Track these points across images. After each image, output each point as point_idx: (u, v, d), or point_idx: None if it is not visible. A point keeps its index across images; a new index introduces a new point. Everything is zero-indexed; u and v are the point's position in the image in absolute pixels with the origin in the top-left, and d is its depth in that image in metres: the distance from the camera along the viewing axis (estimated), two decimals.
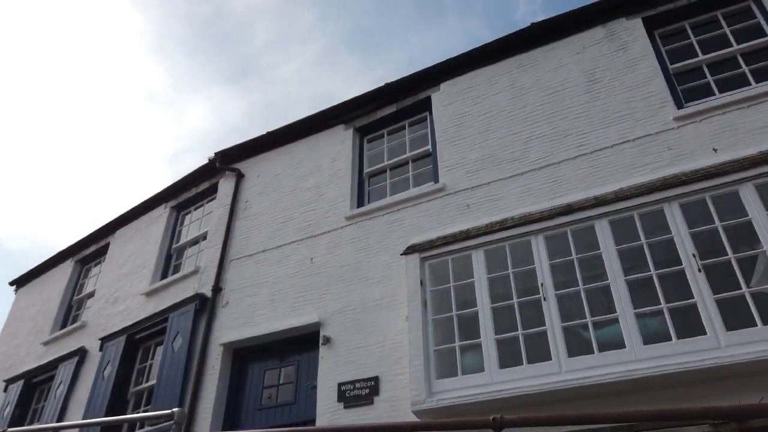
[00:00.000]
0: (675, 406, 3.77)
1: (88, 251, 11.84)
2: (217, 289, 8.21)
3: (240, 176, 9.56)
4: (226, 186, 9.65)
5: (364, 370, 6.33)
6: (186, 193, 10.41)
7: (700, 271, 4.92)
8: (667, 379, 4.59)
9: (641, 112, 6.42)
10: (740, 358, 4.39)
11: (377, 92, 8.74)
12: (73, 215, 45.86)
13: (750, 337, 4.48)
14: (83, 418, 8.17)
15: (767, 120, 5.65)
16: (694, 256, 5.00)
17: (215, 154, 9.81)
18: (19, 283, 13.10)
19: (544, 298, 5.52)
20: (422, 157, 8.11)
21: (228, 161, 9.77)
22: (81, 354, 9.45)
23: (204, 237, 9.48)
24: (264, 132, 9.63)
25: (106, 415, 7.88)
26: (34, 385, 10.33)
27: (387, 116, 8.68)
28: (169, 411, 3.93)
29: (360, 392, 6.16)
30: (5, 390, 10.57)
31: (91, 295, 10.99)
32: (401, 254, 6.74)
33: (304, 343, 7.10)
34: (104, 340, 9.15)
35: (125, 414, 8.15)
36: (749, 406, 2.67)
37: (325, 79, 53.95)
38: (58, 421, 8.69)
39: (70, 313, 11.31)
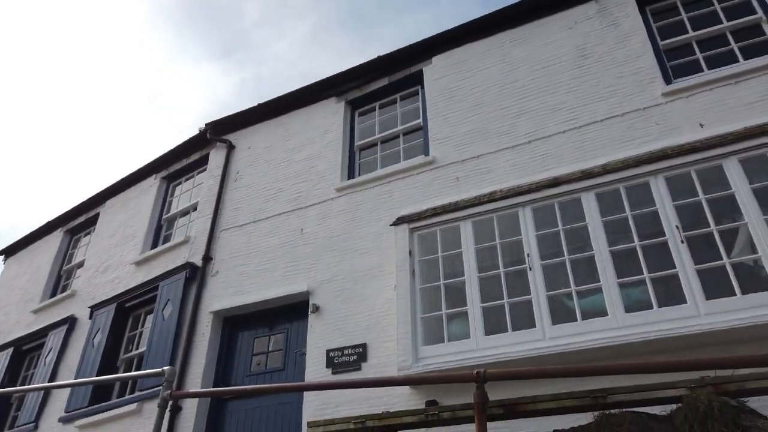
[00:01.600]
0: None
1: (78, 221, 11.82)
2: (207, 258, 8.26)
3: (231, 147, 9.55)
4: (216, 157, 9.64)
5: (352, 337, 6.43)
6: (176, 164, 10.39)
7: (682, 242, 5.03)
8: (647, 346, 4.72)
9: (630, 87, 6.48)
10: (718, 325, 4.52)
11: (369, 65, 8.72)
12: (62, 185, 45.45)
13: (729, 306, 4.61)
14: None
15: (753, 96, 5.73)
16: (677, 227, 5.11)
17: (206, 124, 9.78)
18: (8, 252, 13.08)
19: (530, 268, 5.62)
20: (413, 131, 8.14)
21: (219, 132, 9.75)
22: (71, 322, 9.50)
23: (194, 208, 9.50)
24: (255, 104, 9.61)
25: None
26: (24, 352, 10.38)
27: (379, 89, 8.68)
28: (160, 369, 4.01)
29: (348, 359, 6.27)
30: None
31: (80, 264, 11.00)
32: (390, 225, 6.82)
33: (293, 311, 7.20)
34: (94, 308, 9.19)
35: None
36: (736, 358, 2.72)
37: (318, 57, 53.44)
38: None
39: (59, 282, 11.33)
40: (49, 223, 12.24)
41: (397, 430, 4.71)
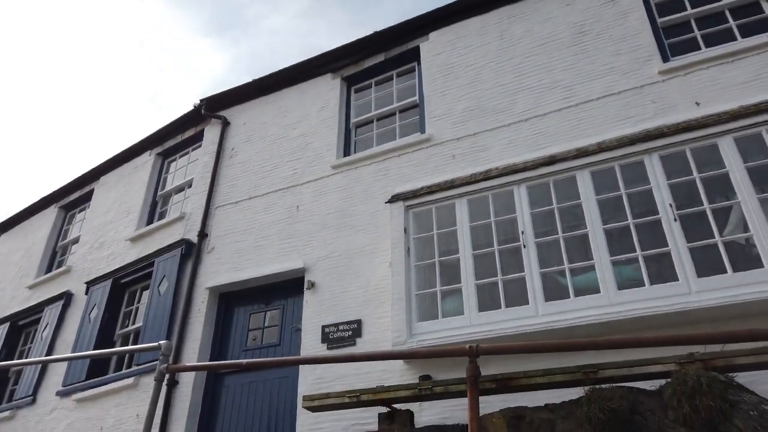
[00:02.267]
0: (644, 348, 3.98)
1: (72, 197, 11.78)
2: (202, 234, 8.26)
3: (226, 124, 9.49)
4: (211, 133, 9.59)
5: (347, 313, 6.48)
6: (171, 140, 10.33)
7: (675, 220, 5.06)
8: (638, 322, 4.77)
9: (628, 65, 6.45)
10: (709, 302, 4.58)
11: (365, 41, 8.63)
12: (56, 161, 45.12)
13: (720, 284, 4.66)
14: None
15: (749, 75, 5.72)
16: (671, 206, 5.14)
17: (200, 100, 9.70)
18: (2, 228, 13.04)
19: (524, 246, 5.66)
20: (409, 108, 8.10)
21: (214, 108, 9.67)
22: (66, 297, 9.52)
23: (189, 184, 9.48)
24: (250, 79, 9.53)
25: None
26: (20, 327, 10.43)
27: (375, 66, 8.61)
28: (156, 343, 4.04)
29: (343, 334, 6.33)
30: None
31: (75, 240, 10.99)
32: (386, 203, 6.82)
33: (289, 287, 7.23)
34: (90, 284, 9.21)
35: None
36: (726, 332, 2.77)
37: (313, 32, 52.79)
38: None
39: (54, 258, 11.33)
40: (43, 198, 12.18)
41: (391, 403, 4.80)
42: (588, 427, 3.81)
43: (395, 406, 4.84)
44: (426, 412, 5.25)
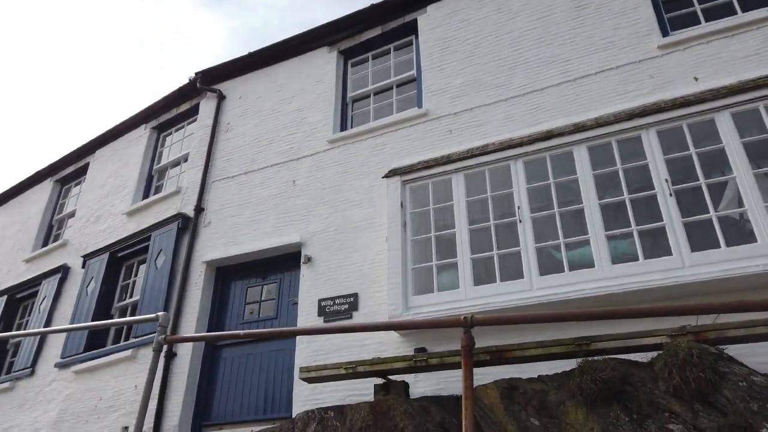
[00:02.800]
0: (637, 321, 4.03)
1: (67, 171, 11.73)
2: (199, 209, 8.26)
3: (221, 97, 9.41)
4: (207, 107, 9.52)
5: (343, 287, 6.53)
6: (166, 114, 10.26)
7: (671, 195, 5.08)
8: (631, 296, 4.82)
9: (626, 39, 6.40)
10: (701, 276, 4.62)
11: (362, 13, 8.52)
12: (50, 134, 44.78)
13: (713, 258, 4.70)
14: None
15: (749, 49, 5.68)
16: (666, 181, 5.16)
17: (195, 74, 9.61)
18: None
19: (520, 221, 5.68)
20: (407, 82, 8.04)
21: (209, 82, 9.58)
22: (64, 271, 9.55)
23: (185, 158, 9.44)
24: (246, 53, 9.42)
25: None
26: (18, 300, 10.47)
27: (372, 39, 8.52)
28: (154, 315, 4.07)
29: (339, 308, 6.38)
30: None
31: (71, 214, 10.98)
32: (383, 177, 6.82)
33: (285, 262, 7.27)
34: (87, 257, 9.23)
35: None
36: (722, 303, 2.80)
37: (310, 6, 52.01)
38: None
39: (51, 231, 11.33)
40: (38, 172, 12.13)
41: (386, 375, 4.87)
42: (580, 398, 3.88)
43: (391, 377, 4.91)
44: (421, 384, 5.33)
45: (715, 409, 3.54)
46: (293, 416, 5.21)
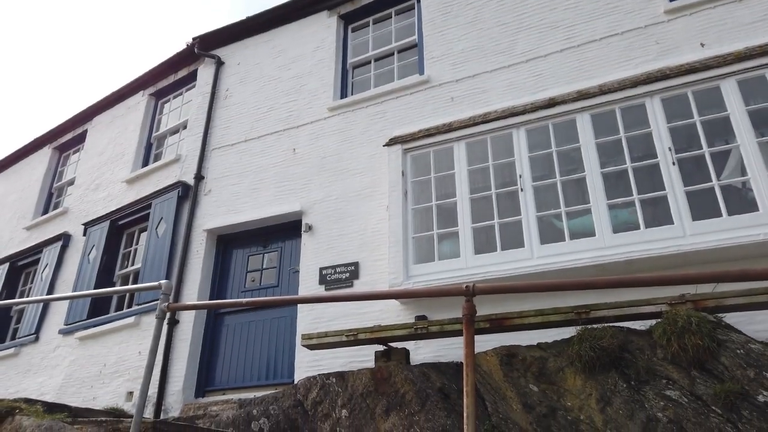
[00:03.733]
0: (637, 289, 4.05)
1: (66, 138, 11.65)
2: (199, 177, 8.23)
3: (220, 64, 9.27)
4: (205, 74, 9.39)
5: (344, 256, 6.55)
6: (164, 81, 10.13)
7: (674, 164, 5.05)
8: (631, 265, 4.85)
9: (632, 3, 6.27)
10: (702, 245, 4.64)
11: None
12: (49, 101, 44.35)
13: (714, 227, 4.70)
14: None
15: (756, 15, 5.57)
16: (669, 149, 5.12)
17: (193, 39, 9.45)
18: None
19: (521, 189, 5.66)
20: (408, 48, 7.91)
21: (207, 47, 9.43)
22: (65, 238, 9.57)
23: (184, 126, 9.36)
24: (244, 17, 9.24)
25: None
26: (20, 267, 10.53)
27: (373, 3, 8.34)
28: (157, 283, 4.07)
29: (340, 276, 6.42)
30: None
31: (71, 182, 10.95)
32: (383, 146, 6.77)
33: (286, 230, 7.28)
34: (87, 225, 9.24)
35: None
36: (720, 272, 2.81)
37: None
38: None
39: (51, 199, 11.32)
40: (36, 139, 12.05)
41: (387, 342, 4.92)
42: (578, 365, 3.93)
43: (391, 344, 4.96)
44: (421, 351, 5.40)
45: (712, 376, 3.59)
46: (295, 382, 5.30)
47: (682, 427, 3.44)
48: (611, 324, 4.06)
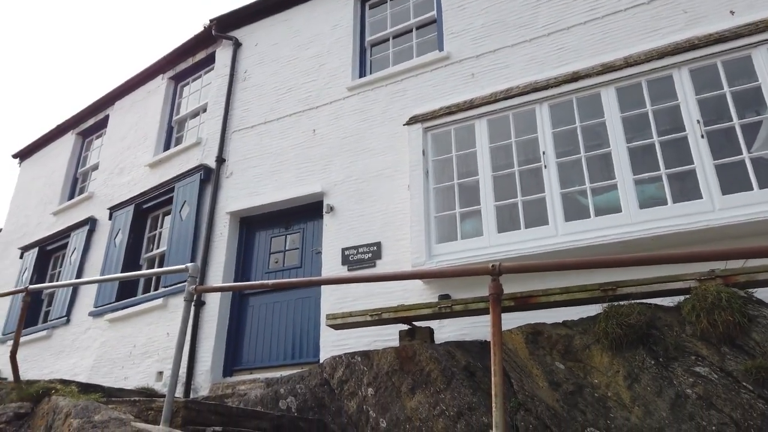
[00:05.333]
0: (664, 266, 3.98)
1: (88, 124, 11.78)
2: (220, 159, 8.27)
3: (237, 45, 9.25)
4: (223, 55, 9.38)
5: (366, 236, 6.55)
6: (183, 64, 10.15)
7: (703, 137, 4.93)
8: (659, 241, 4.77)
9: None
10: (732, 220, 4.53)
11: None
12: (72, 86, 44.82)
13: (744, 201, 4.60)
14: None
15: None
16: (698, 122, 4.99)
17: (210, 20, 9.43)
18: (23, 155, 13.17)
19: (545, 166, 5.59)
20: (427, 24, 7.79)
21: (224, 29, 9.41)
22: (91, 223, 9.75)
23: (204, 109, 9.39)
24: None
25: None
26: (49, 252, 10.76)
27: None
28: (184, 266, 4.13)
29: (363, 256, 6.43)
30: (21, 257, 11.04)
31: (95, 167, 11.10)
32: (404, 125, 6.72)
33: (308, 211, 7.31)
34: (113, 209, 9.39)
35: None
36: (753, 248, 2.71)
37: None
38: None
39: (76, 184, 11.51)
40: (59, 125, 12.21)
41: (411, 321, 4.93)
42: (605, 342, 3.90)
43: (415, 323, 4.98)
44: (445, 329, 5.41)
45: (743, 352, 3.54)
46: (321, 361, 5.35)
47: (712, 403, 3.40)
48: (638, 301, 4.02)
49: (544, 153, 5.64)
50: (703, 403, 3.43)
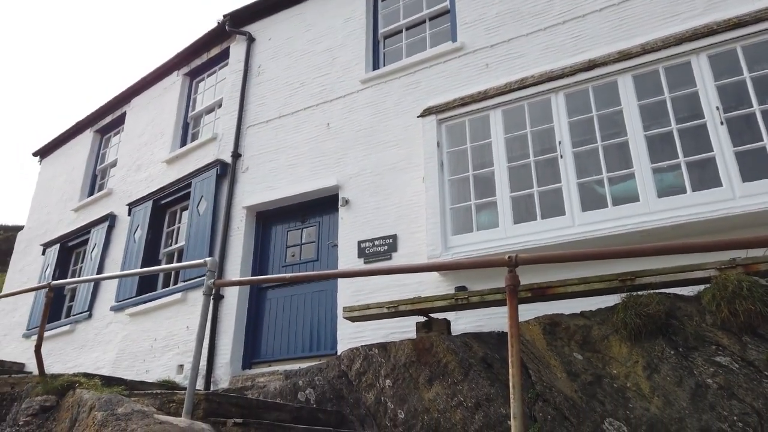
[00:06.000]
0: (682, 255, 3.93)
1: (106, 121, 11.93)
2: (236, 155, 8.33)
3: (251, 40, 9.28)
4: (237, 51, 9.42)
5: (382, 229, 6.57)
6: (197, 60, 10.21)
7: (722, 124, 4.85)
8: (678, 230, 4.71)
9: None
10: (753, 207, 4.46)
11: None
12: (91, 85, 45.36)
13: (766, 188, 4.52)
14: None
15: None
16: (717, 109, 4.91)
17: (224, 16, 9.47)
18: (43, 153, 13.38)
19: (561, 156, 5.54)
20: (439, 15, 7.74)
21: (238, 24, 9.44)
22: (111, 219, 9.89)
23: (219, 104, 9.45)
24: None
25: None
26: (70, 248, 10.94)
27: None
28: (202, 260, 4.18)
29: (379, 249, 6.45)
30: (43, 253, 11.23)
31: (113, 164, 11.25)
32: (418, 117, 6.71)
33: (323, 205, 7.34)
34: (131, 205, 9.51)
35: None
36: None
37: None
38: None
39: (95, 181, 11.67)
40: (78, 123, 12.38)
41: (428, 313, 4.94)
42: (624, 332, 3.88)
43: (432, 315, 4.99)
44: (461, 321, 5.41)
45: (764, 341, 3.50)
46: (338, 353, 5.39)
47: (733, 393, 3.37)
48: (657, 290, 3.98)
49: (560, 143, 5.59)
50: (724, 393, 3.40)
